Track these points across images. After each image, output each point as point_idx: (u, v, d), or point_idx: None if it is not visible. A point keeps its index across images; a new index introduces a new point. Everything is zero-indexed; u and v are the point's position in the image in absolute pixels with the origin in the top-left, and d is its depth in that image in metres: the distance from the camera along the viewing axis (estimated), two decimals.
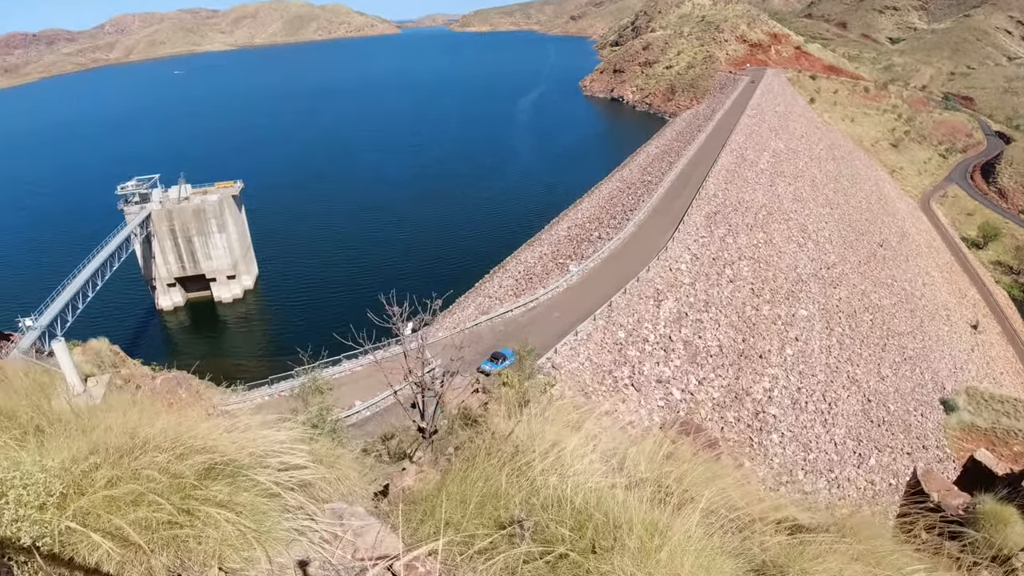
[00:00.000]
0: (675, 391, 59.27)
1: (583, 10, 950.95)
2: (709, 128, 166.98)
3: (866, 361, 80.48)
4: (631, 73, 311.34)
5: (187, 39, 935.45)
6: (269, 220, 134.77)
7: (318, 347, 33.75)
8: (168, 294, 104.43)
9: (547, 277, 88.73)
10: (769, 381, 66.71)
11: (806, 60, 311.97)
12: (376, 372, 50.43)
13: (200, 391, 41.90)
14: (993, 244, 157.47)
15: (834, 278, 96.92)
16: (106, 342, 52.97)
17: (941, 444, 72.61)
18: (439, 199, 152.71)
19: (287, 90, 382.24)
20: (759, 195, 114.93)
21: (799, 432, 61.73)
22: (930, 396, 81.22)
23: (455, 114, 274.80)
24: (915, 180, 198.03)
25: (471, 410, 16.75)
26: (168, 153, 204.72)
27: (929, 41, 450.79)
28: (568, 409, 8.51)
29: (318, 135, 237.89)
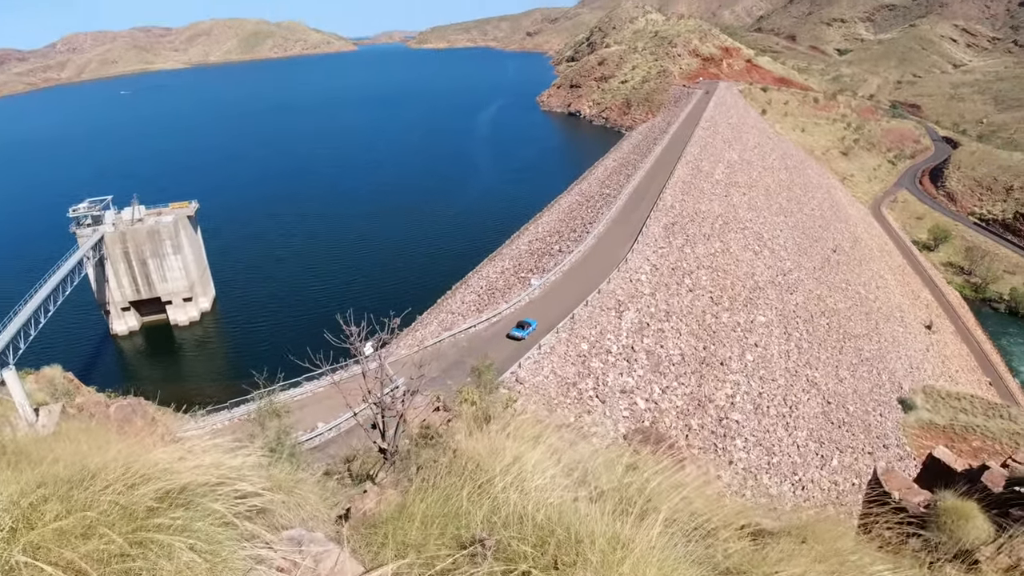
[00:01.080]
0: (639, 401, 59.66)
1: (539, 26, 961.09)
2: (665, 141, 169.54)
3: (824, 364, 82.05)
4: (587, 88, 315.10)
5: (140, 57, 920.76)
6: (226, 240, 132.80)
7: (277, 369, 33.23)
8: (122, 318, 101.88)
9: (509, 291, 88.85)
10: (731, 387, 67.57)
11: (757, 73, 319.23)
12: (338, 392, 49.92)
13: (156, 418, 40.86)
14: (944, 246, 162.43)
15: (790, 284, 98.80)
16: (59, 369, 51.42)
17: (901, 443, 74.20)
18: (399, 215, 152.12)
19: (243, 108, 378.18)
20: (715, 205, 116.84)
21: (762, 436, 62.57)
22: (888, 396, 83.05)
23: (414, 130, 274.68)
24: (866, 187, 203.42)
25: (433, 428, 16.67)
26: (122, 174, 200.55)
27: (876, 51, 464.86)
28: (531, 423, 8.49)
29: (275, 153, 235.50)
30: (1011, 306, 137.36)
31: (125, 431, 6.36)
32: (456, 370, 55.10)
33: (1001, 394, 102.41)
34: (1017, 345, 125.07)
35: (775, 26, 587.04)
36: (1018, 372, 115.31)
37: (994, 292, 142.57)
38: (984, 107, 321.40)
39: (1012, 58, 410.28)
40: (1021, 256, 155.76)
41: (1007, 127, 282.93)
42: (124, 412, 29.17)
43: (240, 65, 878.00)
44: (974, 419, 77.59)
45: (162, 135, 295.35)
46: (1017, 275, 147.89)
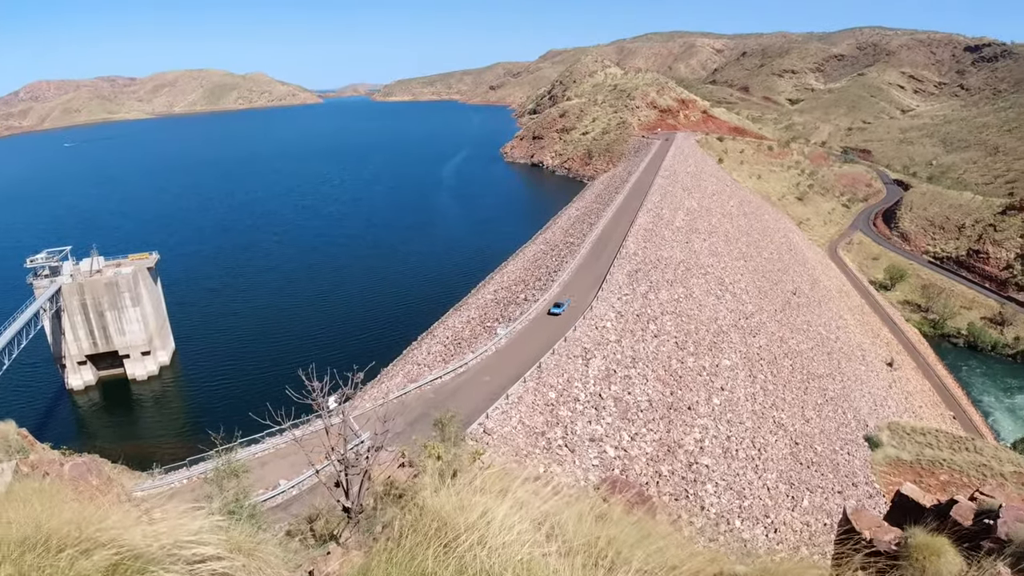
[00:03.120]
0: (609, 448, 59.34)
1: (502, 80, 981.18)
2: (626, 190, 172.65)
3: (790, 405, 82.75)
4: (550, 139, 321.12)
5: (103, 107, 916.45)
6: (187, 292, 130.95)
7: (238, 424, 32.57)
8: (79, 372, 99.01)
9: (475, 341, 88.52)
10: (700, 432, 67.64)
11: (713, 123, 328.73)
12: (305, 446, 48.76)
13: (112, 477, 39.62)
14: (900, 285, 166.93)
15: (753, 327, 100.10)
16: (13, 425, 49.73)
17: (870, 480, 74.66)
18: (364, 267, 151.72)
19: (207, 159, 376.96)
20: (677, 251, 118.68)
21: (732, 480, 62.49)
22: (854, 434, 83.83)
23: (379, 181, 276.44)
24: (821, 230, 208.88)
25: (398, 484, 16.36)
26: (81, 224, 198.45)
27: (827, 100, 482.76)
28: (498, 476, 8.37)
29: (238, 204, 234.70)
30: (969, 341, 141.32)
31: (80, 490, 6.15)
32: (422, 423, 54.31)
33: (965, 427, 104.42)
34: (977, 378, 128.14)
35: (729, 78, 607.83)
36: (980, 404, 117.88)
37: (952, 328, 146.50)
38: (933, 149, 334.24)
39: (959, 101, 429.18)
40: (976, 292, 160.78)
41: (956, 168, 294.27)
42: (79, 470, 28.24)
43: (204, 116, 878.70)
44: (940, 453, 78.56)
45: (124, 185, 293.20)
46: (973, 310, 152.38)
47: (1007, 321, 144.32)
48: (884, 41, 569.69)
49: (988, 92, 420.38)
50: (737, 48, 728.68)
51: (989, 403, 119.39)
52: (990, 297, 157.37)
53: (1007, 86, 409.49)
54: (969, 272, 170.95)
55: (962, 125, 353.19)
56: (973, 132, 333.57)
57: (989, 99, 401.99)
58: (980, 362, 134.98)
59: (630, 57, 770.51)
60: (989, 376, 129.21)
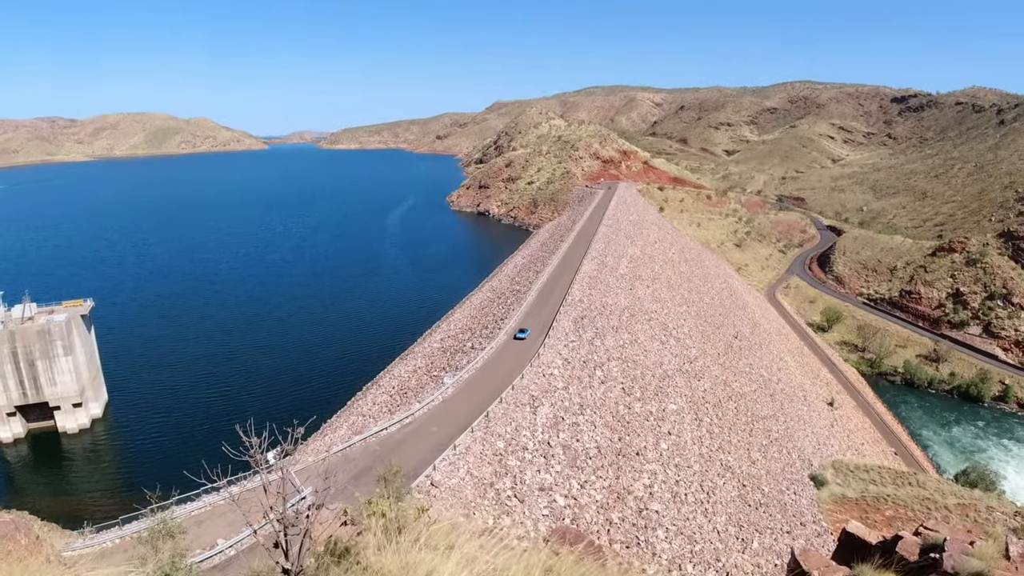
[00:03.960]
0: (559, 498, 58.73)
1: (448, 130, 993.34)
2: (571, 238, 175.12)
3: (736, 447, 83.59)
4: (496, 188, 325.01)
5: (43, 148, 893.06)
6: (121, 342, 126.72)
7: (173, 481, 31.05)
8: (7, 424, 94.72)
9: (422, 391, 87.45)
10: (648, 477, 67.63)
11: (653, 173, 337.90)
12: (242, 504, 46.95)
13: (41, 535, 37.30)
14: (837, 326, 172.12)
15: (697, 371, 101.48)
16: None
17: (817, 519, 75.49)
18: (307, 316, 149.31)
19: (147, 204, 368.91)
20: (621, 298, 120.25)
21: (683, 525, 62.41)
22: (800, 474, 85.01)
23: (324, 229, 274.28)
24: (760, 275, 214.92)
25: (341, 544, 15.75)
26: (12, 269, 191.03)
27: (761, 151, 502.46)
28: (445, 531, 8.17)
29: (178, 251, 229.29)
30: (906, 378, 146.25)
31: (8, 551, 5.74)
32: (367, 476, 52.91)
33: (907, 462, 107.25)
34: (916, 413, 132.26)
35: (668, 130, 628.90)
36: (920, 438, 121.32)
37: (889, 366, 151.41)
38: (863, 196, 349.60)
39: (887, 150, 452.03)
40: (910, 331, 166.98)
41: (886, 213, 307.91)
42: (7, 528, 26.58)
43: (146, 160, 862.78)
44: (884, 489, 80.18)
45: (59, 229, 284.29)
46: (908, 348, 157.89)
47: (942, 357, 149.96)
48: (814, 94, 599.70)
49: (915, 140, 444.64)
50: (676, 102, 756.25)
51: (928, 437, 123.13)
52: (924, 335, 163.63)
53: (933, 134, 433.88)
54: (903, 312, 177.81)
55: (891, 172, 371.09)
56: (901, 179, 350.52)
57: (916, 147, 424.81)
58: (918, 398, 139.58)
59: (573, 110, 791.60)
60: (927, 411, 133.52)
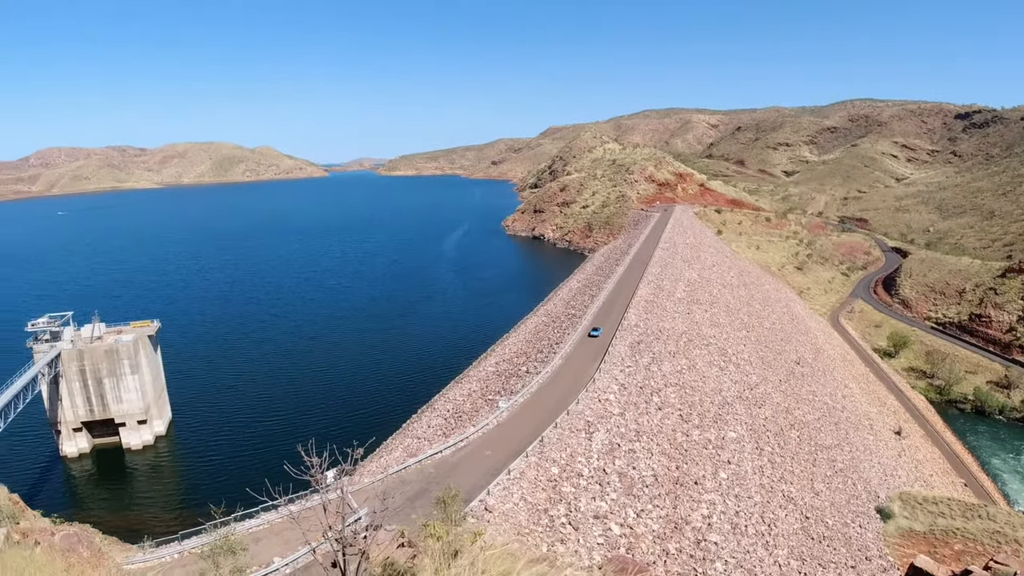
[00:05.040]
0: (614, 526, 57.77)
1: (503, 156, 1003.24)
2: (626, 262, 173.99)
3: (799, 478, 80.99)
4: (550, 213, 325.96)
5: (113, 175, 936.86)
6: (186, 362, 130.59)
7: (233, 499, 31.82)
8: (73, 439, 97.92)
9: (476, 414, 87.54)
10: (707, 507, 66.00)
11: (710, 196, 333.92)
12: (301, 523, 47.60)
13: (103, 549, 38.53)
14: (904, 352, 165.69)
15: (758, 398, 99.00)
16: (4, 491, 49.05)
17: (883, 553, 72.33)
18: (364, 340, 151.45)
19: (211, 230, 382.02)
20: (678, 323, 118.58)
21: (742, 558, 60.56)
22: (865, 506, 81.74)
23: (381, 255, 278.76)
24: (822, 299, 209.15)
25: (397, 565, 15.83)
26: (84, 291, 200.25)
27: (821, 171, 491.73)
28: (500, 557, 8.11)
29: (241, 276, 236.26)
30: (976, 405, 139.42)
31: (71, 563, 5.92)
32: (422, 499, 53.23)
33: (977, 494, 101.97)
34: (986, 442, 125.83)
35: (724, 152, 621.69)
36: (990, 469, 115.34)
37: (958, 393, 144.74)
38: (929, 216, 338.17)
39: (952, 168, 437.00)
40: (980, 356, 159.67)
41: (953, 233, 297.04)
42: (70, 542, 27.70)
43: (212, 187, 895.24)
44: (953, 522, 76.33)
45: (128, 254, 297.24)
46: (978, 374, 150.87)
47: (1013, 384, 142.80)
48: (875, 112, 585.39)
49: (981, 158, 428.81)
50: (732, 123, 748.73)
51: (999, 467, 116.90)
52: (995, 361, 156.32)
53: (999, 151, 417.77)
54: (972, 336, 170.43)
55: (957, 191, 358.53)
56: (968, 197, 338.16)
57: (982, 164, 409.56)
58: (988, 426, 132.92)
59: (628, 133, 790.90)
60: (998, 440, 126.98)
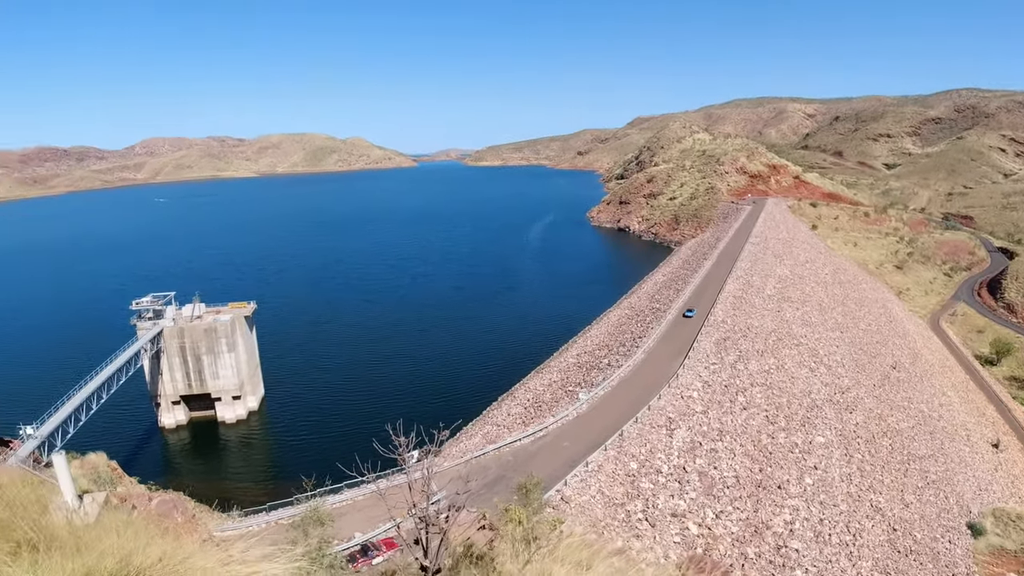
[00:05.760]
0: (691, 525, 57.17)
1: (589, 146, 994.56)
2: (714, 256, 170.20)
3: (888, 488, 77.85)
4: (636, 204, 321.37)
5: (213, 164, 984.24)
6: (278, 342, 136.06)
7: (320, 474, 33.23)
8: (172, 411, 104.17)
9: (556, 405, 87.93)
10: (790, 513, 64.37)
11: (805, 188, 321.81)
12: (379, 502, 49.27)
13: (196, 515, 40.79)
14: (1007, 359, 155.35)
15: (849, 402, 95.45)
16: (104, 457, 52.44)
17: (971, 571, 68.98)
18: (447, 327, 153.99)
19: (306, 218, 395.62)
20: (767, 320, 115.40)
21: (824, 567, 58.86)
22: (956, 521, 77.96)
23: (467, 243, 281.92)
24: (922, 300, 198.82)
25: (476, 547, 16.40)
26: (184, 273, 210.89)
27: (924, 165, 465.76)
28: (578, 547, 8.33)
29: (331, 262, 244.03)
30: None
31: (165, 526, 6.51)
32: (500, 485, 54.10)
33: None
34: None
35: (821, 143, 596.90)
36: None
37: None
38: None
39: None
40: None
41: None
42: (165, 507, 29.50)
43: (305, 177, 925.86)
44: None
45: (225, 238, 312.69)
46: None
47: None
48: (982, 103, 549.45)
49: None
50: (829, 112, 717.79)
51: None
52: None
53: None
54: None
55: None
56: None
57: None
58: None
59: (718, 123, 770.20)
60: None
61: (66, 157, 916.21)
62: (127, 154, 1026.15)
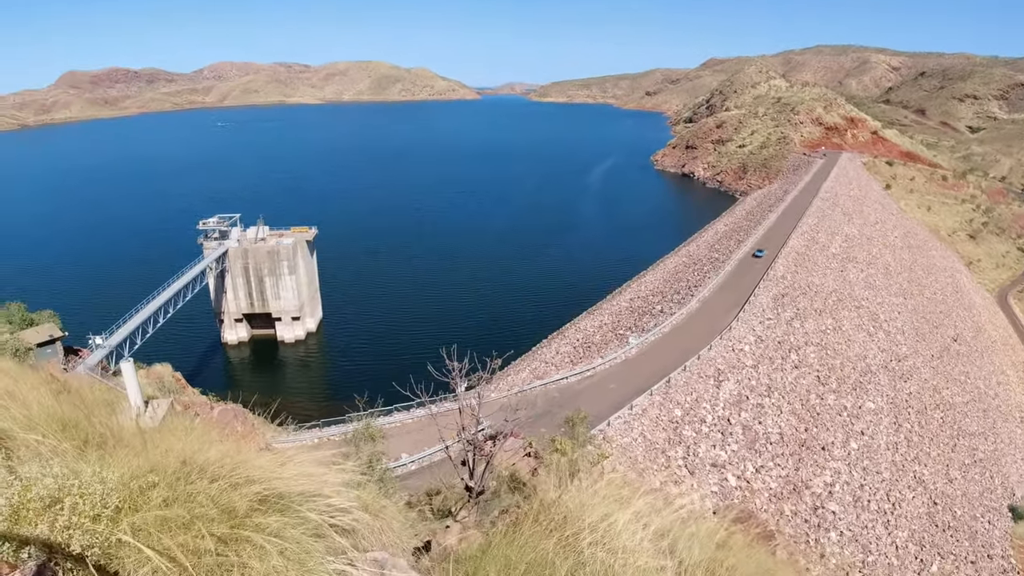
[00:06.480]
0: (730, 477, 57.15)
1: (659, 87, 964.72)
2: (780, 209, 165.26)
3: (934, 461, 76.33)
4: (703, 150, 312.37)
5: (279, 90, 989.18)
6: (338, 267, 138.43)
7: (373, 395, 33.86)
8: (234, 329, 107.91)
9: (605, 347, 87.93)
10: (831, 475, 63.76)
11: (883, 145, 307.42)
12: (426, 426, 50.40)
13: (255, 425, 42.40)
14: None
15: (905, 371, 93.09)
16: (169, 368, 54.68)
17: (1007, 554, 67.69)
18: (503, 262, 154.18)
19: (369, 148, 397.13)
20: (829, 280, 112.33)
21: (859, 532, 58.46)
22: (999, 502, 76.28)
23: (526, 181, 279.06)
24: (992, 273, 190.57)
25: (520, 474, 16.50)
26: (251, 196, 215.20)
27: (1010, 131, 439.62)
28: (619, 484, 8.25)
29: (392, 193, 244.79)
30: None
31: (226, 433, 6.60)
32: (544, 420, 54.62)
33: None
34: None
35: (904, 99, 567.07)
36: None
37: None
38: None
39: None
40: None
41: None
42: (226, 416, 30.47)
43: (370, 105, 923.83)
44: None
45: (290, 164, 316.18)
46: None
47: None
48: None
49: None
50: (915, 67, 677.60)
51: None
52: None
53: None
54: None
55: None
56: None
57: None
58: None
59: (797, 70, 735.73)
60: None
61: (136, 79, 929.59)
62: (195, 77, 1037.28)
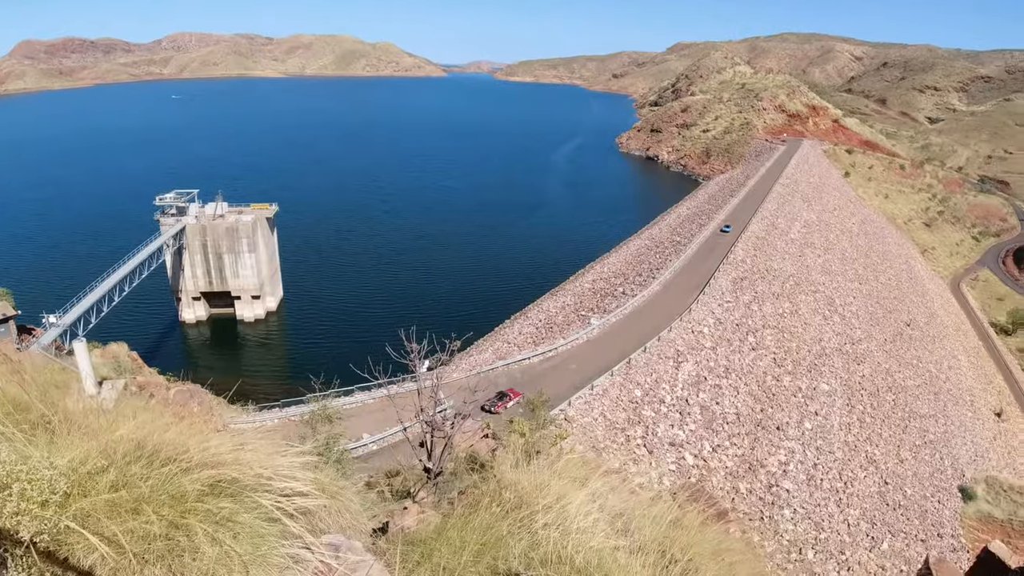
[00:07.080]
0: (688, 456, 58.24)
1: (626, 69, 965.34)
2: (742, 193, 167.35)
3: (886, 442, 78.67)
4: (668, 133, 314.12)
5: (240, 63, 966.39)
6: (298, 245, 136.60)
7: (332, 375, 33.65)
8: (192, 307, 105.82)
9: (568, 328, 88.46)
10: (785, 454, 65.36)
11: (843, 133, 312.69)
12: (387, 407, 50.30)
13: (212, 406, 41.93)
14: (1023, 331, 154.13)
15: (859, 354, 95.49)
16: (125, 347, 53.54)
17: (956, 533, 70.30)
18: (467, 242, 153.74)
19: (331, 122, 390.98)
20: (788, 264, 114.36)
21: (812, 509, 60.15)
22: (948, 483, 78.98)
23: (491, 160, 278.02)
24: (946, 261, 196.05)
25: (479, 455, 16.59)
26: (208, 171, 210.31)
27: (968, 123, 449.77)
28: (577, 464, 8.35)
29: (354, 169, 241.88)
30: None
31: (182, 415, 6.50)
32: None
33: None
34: None
35: (865, 88, 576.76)
36: None
37: None
38: None
39: None
40: None
41: None
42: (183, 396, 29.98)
43: (333, 80, 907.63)
44: None
45: (255, 140, 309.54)
46: None
47: None
48: None
49: None
50: (878, 57, 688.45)
51: None
52: None
53: None
54: None
55: None
56: None
57: None
58: None
59: (762, 56, 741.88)
60: None
61: (93, 49, 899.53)
62: (154, 48, 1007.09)
